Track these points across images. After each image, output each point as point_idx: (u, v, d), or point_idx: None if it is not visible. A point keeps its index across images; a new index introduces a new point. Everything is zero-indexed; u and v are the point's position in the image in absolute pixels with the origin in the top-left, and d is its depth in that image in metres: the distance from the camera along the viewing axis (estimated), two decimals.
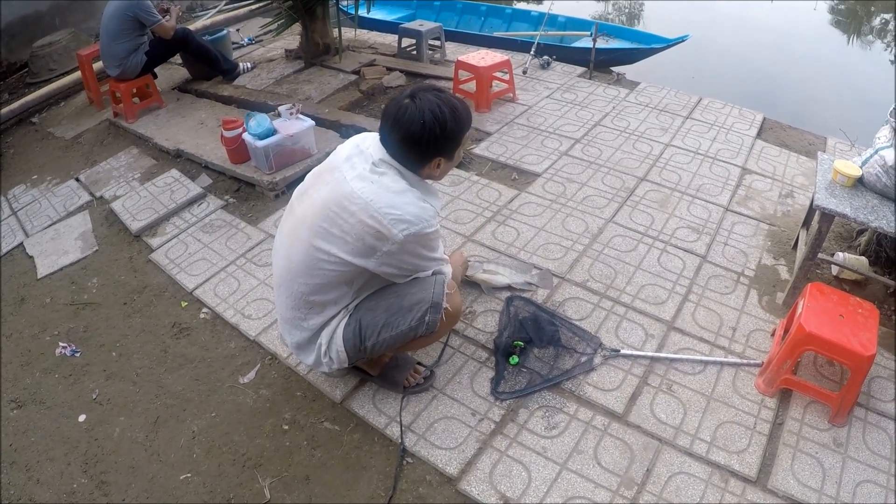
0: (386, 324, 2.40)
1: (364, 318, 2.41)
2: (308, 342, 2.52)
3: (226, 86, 5.85)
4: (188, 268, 3.64)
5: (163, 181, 4.49)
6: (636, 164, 4.35)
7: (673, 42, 7.17)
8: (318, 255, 2.26)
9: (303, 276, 2.33)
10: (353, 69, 5.91)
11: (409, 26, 6.35)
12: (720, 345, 2.98)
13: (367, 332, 2.41)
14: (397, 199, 2.17)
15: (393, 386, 2.79)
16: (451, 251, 3.51)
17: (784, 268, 3.48)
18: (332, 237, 2.22)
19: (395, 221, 2.14)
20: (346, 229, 2.19)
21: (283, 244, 2.42)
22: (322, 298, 2.38)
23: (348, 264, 2.24)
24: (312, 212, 2.27)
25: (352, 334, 2.42)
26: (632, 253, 3.53)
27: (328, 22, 6.16)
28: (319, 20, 6.04)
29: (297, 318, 2.47)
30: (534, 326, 2.98)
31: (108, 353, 3.21)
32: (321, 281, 2.32)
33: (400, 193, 2.20)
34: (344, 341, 2.44)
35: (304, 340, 2.52)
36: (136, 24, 5.26)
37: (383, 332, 2.40)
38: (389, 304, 2.41)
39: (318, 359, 2.53)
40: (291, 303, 2.43)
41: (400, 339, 2.44)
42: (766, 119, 5.13)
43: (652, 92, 5.48)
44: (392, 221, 2.14)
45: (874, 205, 2.96)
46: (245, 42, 7.28)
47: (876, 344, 2.48)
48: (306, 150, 4.37)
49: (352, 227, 2.18)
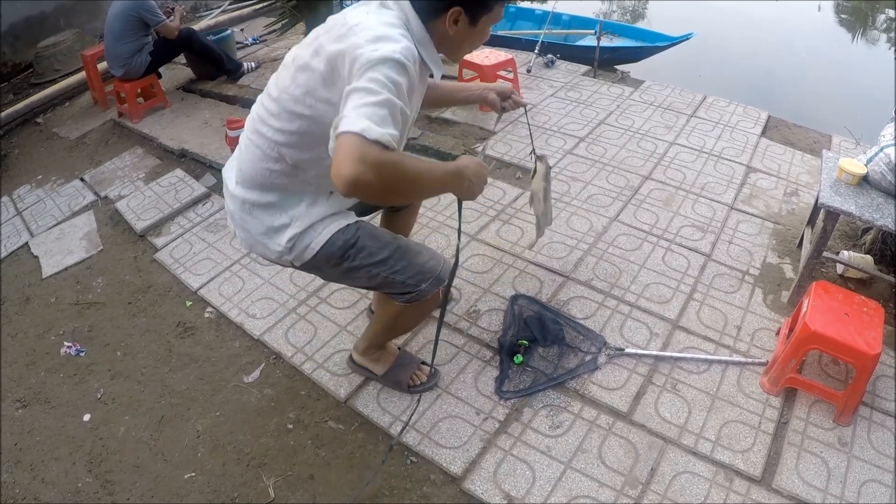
0: (383, 260, 2.17)
1: (364, 238, 2.17)
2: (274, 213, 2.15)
3: (230, 85, 5.86)
4: (193, 267, 3.65)
5: (167, 181, 4.50)
6: (641, 163, 4.34)
7: (677, 40, 7.16)
8: (294, 90, 1.99)
9: (275, 118, 2.02)
10: None
11: None
12: (725, 343, 2.97)
13: (357, 251, 2.15)
14: (384, 29, 1.85)
15: (397, 385, 2.76)
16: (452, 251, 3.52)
17: (789, 266, 3.47)
18: (309, 68, 1.98)
19: (369, 40, 1.79)
20: (323, 54, 1.93)
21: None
22: (299, 157, 2.04)
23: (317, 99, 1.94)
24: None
25: (341, 243, 2.14)
26: (636, 252, 3.53)
27: None
28: (323, 19, 5.98)
29: (267, 177, 2.10)
30: (538, 325, 2.97)
31: (113, 352, 3.22)
32: (295, 127, 1.99)
33: (390, 26, 1.88)
34: (327, 242, 2.13)
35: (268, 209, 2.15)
36: (140, 25, 5.28)
37: (375, 267, 2.17)
38: (400, 246, 2.21)
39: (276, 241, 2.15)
40: (260, 153, 2.08)
41: (384, 284, 2.22)
42: (771, 117, 5.11)
43: (656, 90, 5.46)
44: (365, 39, 1.80)
45: (879, 203, 2.94)
46: (249, 42, 7.29)
47: (881, 343, 2.47)
48: None
49: (328, 53, 1.91)
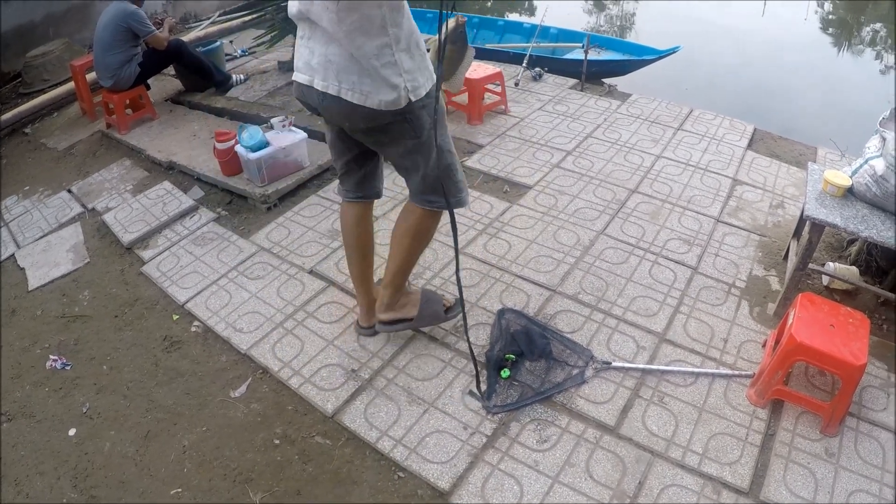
0: (451, 152, 2.57)
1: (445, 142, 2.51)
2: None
3: (219, 98, 5.86)
4: (180, 280, 3.64)
5: (155, 193, 4.48)
6: (627, 176, 4.36)
7: (664, 53, 7.20)
8: None
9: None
10: None
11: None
12: (712, 356, 2.98)
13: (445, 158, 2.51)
14: None
15: (435, 317, 3.02)
16: (443, 262, 3.53)
17: (775, 278, 3.49)
18: None
19: None
20: None
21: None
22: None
23: None
24: None
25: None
26: (623, 265, 3.54)
27: None
28: None
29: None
30: (525, 339, 2.98)
31: (99, 366, 3.20)
32: None
33: None
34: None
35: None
36: (129, 35, 5.28)
37: (447, 171, 2.54)
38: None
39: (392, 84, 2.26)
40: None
41: (444, 172, 2.52)
42: (757, 130, 5.15)
43: (643, 103, 5.50)
44: None
45: (864, 214, 2.98)
46: (238, 54, 7.30)
47: (867, 353, 2.49)
48: (299, 163, 4.37)
49: None
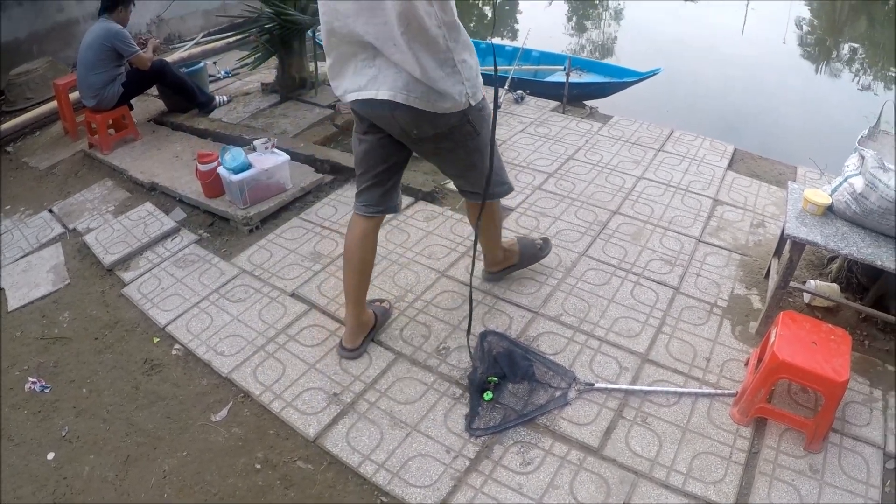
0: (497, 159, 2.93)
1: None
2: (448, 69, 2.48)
3: (202, 119, 5.85)
4: (161, 303, 3.61)
5: (136, 214, 4.46)
6: (609, 198, 4.39)
7: (645, 75, 7.26)
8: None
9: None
10: (328, 103, 5.95)
11: None
12: (694, 376, 2.99)
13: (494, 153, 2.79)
14: None
15: (534, 257, 3.59)
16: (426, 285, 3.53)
17: (756, 297, 3.51)
18: None
19: None
20: None
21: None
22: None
23: None
24: None
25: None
26: (605, 286, 3.55)
27: (305, 56, 6.21)
28: (296, 54, 6.09)
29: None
30: (508, 362, 2.97)
31: (79, 389, 3.17)
32: None
33: None
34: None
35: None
36: (113, 55, 5.26)
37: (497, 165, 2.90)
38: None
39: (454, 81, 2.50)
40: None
41: (497, 164, 2.92)
42: (737, 150, 5.20)
43: (624, 125, 5.54)
44: None
45: (844, 232, 3.01)
46: (222, 75, 7.29)
47: (849, 369, 2.51)
48: (281, 185, 4.37)
49: None
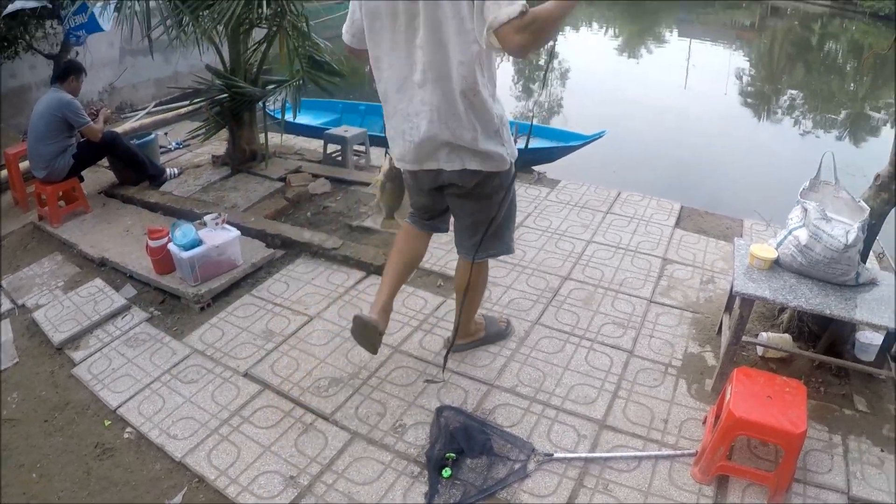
0: (509, 216, 3.15)
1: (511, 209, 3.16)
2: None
3: (152, 192, 5.81)
4: (112, 384, 3.52)
5: (87, 291, 4.37)
6: (559, 263, 4.43)
7: (591, 138, 7.43)
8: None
9: (457, 55, 2.54)
10: (279, 176, 5.97)
11: (334, 132, 6.54)
12: (653, 438, 2.99)
13: (510, 211, 3.15)
14: None
15: (499, 335, 3.65)
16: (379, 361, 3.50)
17: (710, 354, 3.55)
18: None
19: None
20: None
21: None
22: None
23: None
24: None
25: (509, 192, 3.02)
26: (559, 354, 3.56)
27: (255, 128, 6.25)
28: (246, 126, 6.12)
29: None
30: (465, 437, 2.94)
31: (28, 473, 3.05)
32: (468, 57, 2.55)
33: None
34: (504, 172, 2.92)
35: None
36: (64, 125, 5.24)
37: (507, 222, 3.15)
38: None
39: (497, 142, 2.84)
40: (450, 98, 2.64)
41: (503, 223, 3.11)
42: (684, 207, 5.32)
43: (572, 189, 5.63)
44: None
45: (792, 284, 3.08)
46: (173, 146, 7.29)
47: (806, 420, 2.54)
48: (232, 261, 4.35)
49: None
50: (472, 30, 2.42)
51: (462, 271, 3.23)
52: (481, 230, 3.02)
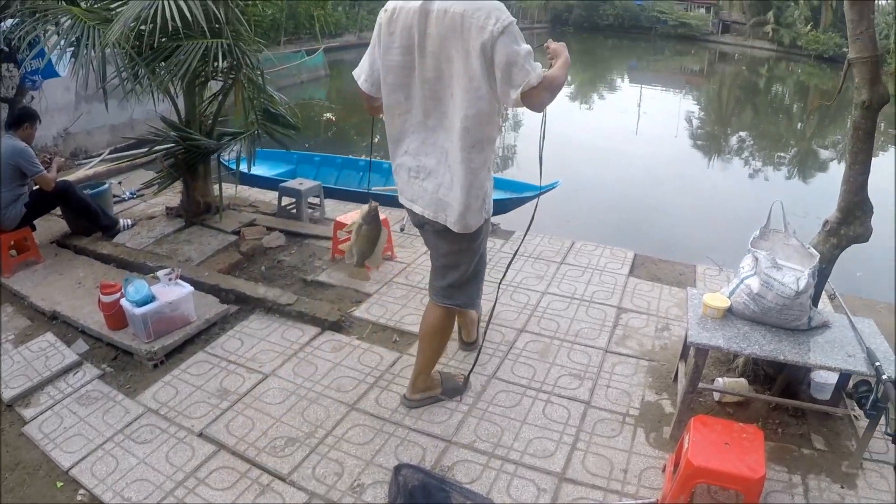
0: (476, 272, 3.35)
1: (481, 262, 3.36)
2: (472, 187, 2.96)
3: (105, 243, 5.71)
4: (63, 444, 3.40)
5: (37, 345, 4.24)
6: (514, 316, 4.45)
7: (544, 189, 7.47)
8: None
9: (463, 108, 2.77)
10: (233, 229, 5.92)
11: (288, 185, 6.52)
12: (613, 489, 3.00)
13: (479, 266, 3.35)
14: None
15: (456, 391, 3.66)
16: (336, 419, 3.46)
17: (667, 401, 3.58)
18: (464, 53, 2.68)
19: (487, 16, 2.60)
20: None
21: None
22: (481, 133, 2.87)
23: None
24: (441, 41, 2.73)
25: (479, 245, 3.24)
26: (516, 408, 3.55)
27: (209, 180, 6.21)
28: (201, 178, 6.08)
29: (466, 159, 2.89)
30: (424, 495, 2.90)
31: None
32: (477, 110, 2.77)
33: None
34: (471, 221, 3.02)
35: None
36: (17, 174, 5.15)
37: (480, 262, 3.34)
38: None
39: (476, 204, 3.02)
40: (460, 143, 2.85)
41: (472, 275, 3.31)
42: (637, 255, 5.40)
43: (526, 240, 5.64)
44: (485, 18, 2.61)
45: (746, 332, 3.16)
46: (126, 196, 7.18)
47: (764, 465, 2.58)
48: (185, 317, 4.29)
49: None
50: (478, 87, 2.69)
51: (428, 315, 3.42)
52: (450, 276, 3.24)
